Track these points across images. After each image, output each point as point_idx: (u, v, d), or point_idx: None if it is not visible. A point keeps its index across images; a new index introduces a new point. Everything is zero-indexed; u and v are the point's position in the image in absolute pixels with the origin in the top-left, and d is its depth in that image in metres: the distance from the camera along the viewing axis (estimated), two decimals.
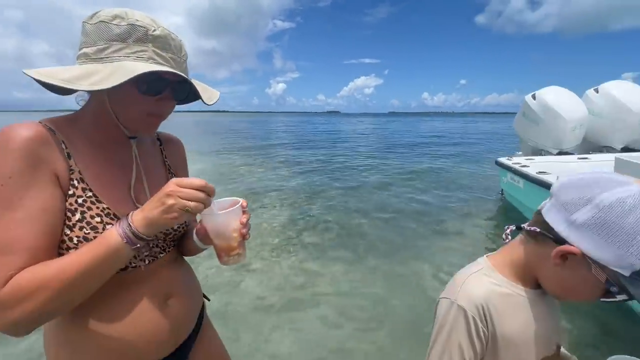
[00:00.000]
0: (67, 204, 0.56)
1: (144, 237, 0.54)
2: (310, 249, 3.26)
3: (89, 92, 0.63)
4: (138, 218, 0.54)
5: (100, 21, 0.57)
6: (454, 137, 19.01)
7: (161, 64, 0.60)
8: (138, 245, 0.54)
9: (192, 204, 0.53)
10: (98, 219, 0.57)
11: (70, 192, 0.57)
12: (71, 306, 0.54)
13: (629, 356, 0.58)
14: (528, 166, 3.46)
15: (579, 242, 0.50)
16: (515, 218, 3.88)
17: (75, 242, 0.55)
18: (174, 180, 0.55)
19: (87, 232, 0.56)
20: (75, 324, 0.61)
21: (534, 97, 4.52)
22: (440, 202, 4.89)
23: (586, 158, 3.76)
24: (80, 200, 0.57)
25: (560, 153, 4.35)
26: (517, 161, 3.77)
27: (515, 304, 0.59)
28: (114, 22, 0.57)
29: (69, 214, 0.56)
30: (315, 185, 6.13)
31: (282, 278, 2.67)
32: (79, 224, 0.56)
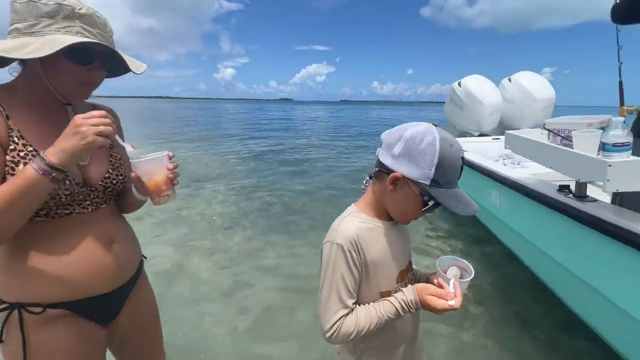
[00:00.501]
0: (10, 157, 0.66)
1: (59, 167, 0.62)
2: (256, 229, 3.38)
3: (23, 61, 0.72)
4: (50, 152, 0.63)
5: (29, 0, 0.65)
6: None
7: (89, 37, 0.69)
8: (53, 174, 0.62)
9: (102, 127, 0.64)
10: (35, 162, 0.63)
11: (12, 147, 0.66)
12: (8, 232, 0.64)
13: (453, 256, 0.81)
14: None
15: (399, 168, 0.70)
16: None
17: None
18: (79, 115, 0.65)
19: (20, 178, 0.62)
20: (27, 257, 0.70)
21: (459, 84, 5.04)
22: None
23: (498, 139, 4.34)
24: (22, 154, 0.67)
25: (481, 135, 4.94)
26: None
27: (377, 234, 0.78)
28: (42, 1, 0.66)
29: (12, 165, 0.66)
30: (263, 172, 6.17)
31: (227, 258, 2.75)
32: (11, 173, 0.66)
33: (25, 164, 0.66)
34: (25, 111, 0.72)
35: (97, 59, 0.72)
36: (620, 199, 1.52)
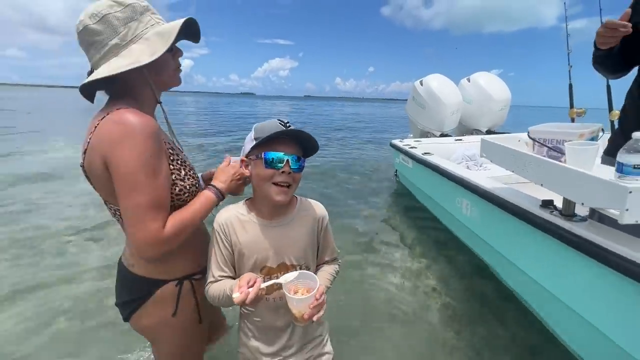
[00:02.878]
0: (171, 163, 0.87)
1: (225, 196, 0.96)
2: None
3: (124, 80, 0.82)
4: (222, 187, 0.95)
5: (103, 16, 0.76)
6: (365, 120, 20.20)
7: (164, 22, 0.85)
8: (221, 199, 0.95)
9: (246, 172, 0.96)
10: (190, 171, 0.93)
11: (171, 158, 0.87)
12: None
13: (310, 273, 0.88)
14: (416, 147, 3.74)
15: (246, 153, 0.94)
16: (407, 194, 4.23)
17: (188, 187, 0.89)
18: (235, 164, 0.99)
19: (192, 181, 0.92)
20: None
21: (421, 83, 4.92)
22: (342, 182, 5.06)
23: (460, 140, 4.27)
24: (179, 160, 0.90)
25: (442, 135, 4.87)
26: (407, 143, 4.06)
27: (248, 226, 0.93)
28: (114, 10, 0.77)
29: (176, 172, 0.87)
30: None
31: None
32: (186, 177, 0.89)
33: (184, 168, 0.91)
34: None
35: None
36: (599, 215, 1.36)
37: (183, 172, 0.89)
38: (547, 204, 1.49)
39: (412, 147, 3.75)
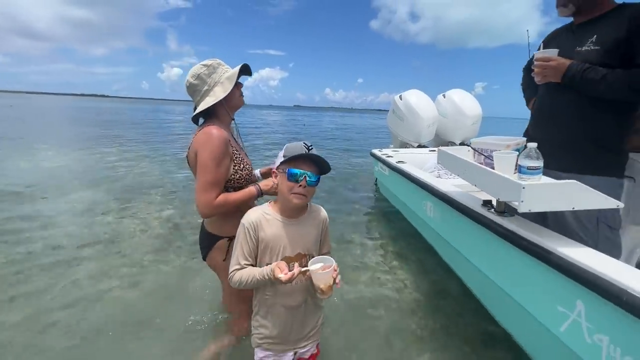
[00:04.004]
0: (233, 162, 1.39)
1: (263, 193, 1.43)
2: (195, 250, 3.11)
3: (212, 108, 1.42)
4: (263, 188, 1.42)
5: (197, 75, 1.41)
6: (354, 130, 20.62)
7: (232, 67, 1.48)
8: (261, 194, 1.44)
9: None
10: (247, 164, 1.48)
11: (234, 156, 1.41)
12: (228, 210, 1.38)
13: (326, 256, 1.14)
14: (392, 156, 4.04)
15: (277, 165, 1.20)
16: (385, 200, 4.51)
17: (244, 175, 1.44)
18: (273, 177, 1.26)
19: (246, 172, 1.46)
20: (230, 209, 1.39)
21: (400, 97, 5.28)
22: (326, 189, 5.30)
23: (434, 150, 4.61)
24: (239, 158, 1.44)
25: (420, 146, 5.21)
26: (385, 152, 4.37)
27: (272, 224, 1.19)
28: (202, 71, 1.40)
29: (237, 165, 1.41)
30: None
31: (155, 284, 2.45)
32: (243, 169, 1.44)
33: (242, 163, 1.45)
34: (228, 132, 1.44)
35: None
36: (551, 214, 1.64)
37: (241, 166, 1.43)
38: (487, 203, 1.77)
39: (388, 156, 4.05)
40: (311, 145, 1.16)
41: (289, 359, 1.33)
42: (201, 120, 1.48)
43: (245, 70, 1.46)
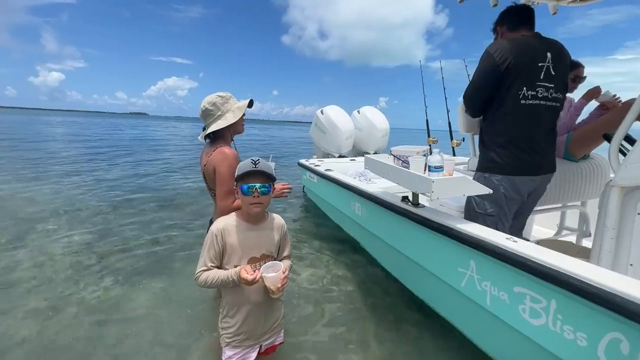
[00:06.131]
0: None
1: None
2: (118, 274, 2.86)
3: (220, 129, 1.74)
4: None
5: (213, 103, 1.73)
6: (274, 143, 20.75)
7: (241, 102, 1.83)
8: None
9: (286, 192, 1.84)
10: None
11: None
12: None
13: (277, 262, 1.35)
14: (319, 165, 4.42)
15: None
16: (314, 205, 4.85)
17: None
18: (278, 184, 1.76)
19: None
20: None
21: (322, 112, 5.77)
22: None
23: (354, 160, 5.20)
24: None
25: (340, 156, 5.76)
26: (312, 162, 4.74)
27: (237, 230, 1.36)
28: (217, 100, 1.74)
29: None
30: (120, 204, 5.10)
31: (72, 317, 2.19)
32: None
33: None
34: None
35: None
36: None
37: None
38: (405, 199, 2.23)
39: (316, 166, 4.42)
40: (258, 160, 1.34)
41: (255, 353, 1.48)
42: (207, 139, 1.82)
43: (251, 104, 1.83)
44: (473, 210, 1.95)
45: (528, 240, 2.49)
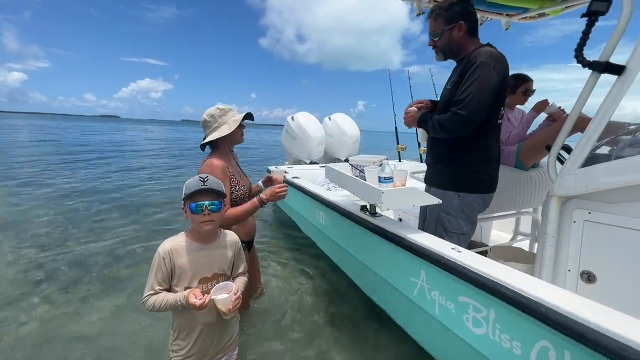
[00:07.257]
0: (231, 183, 1.81)
1: (266, 203, 1.81)
2: (68, 291, 2.68)
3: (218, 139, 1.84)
4: (265, 198, 1.79)
5: (212, 114, 1.84)
6: (254, 147, 20.50)
7: (239, 114, 1.90)
8: (263, 205, 1.81)
9: (283, 194, 1.85)
10: (242, 185, 1.90)
11: (232, 179, 1.83)
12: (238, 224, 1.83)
13: (228, 282, 1.31)
14: (288, 172, 4.38)
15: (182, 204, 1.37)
16: (281, 212, 4.80)
17: (240, 194, 1.87)
18: (275, 186, 1.85)
19: (242, 191, 1.89)
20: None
21: (292, 118, 5.75)
22: None
23: (324, 166, 5.19)
24: (236, 179, 1.86)
25: (312, 163, 5.75)
26: (282, 168, 4.69)
27: (187, 250, 1.30)
28: (216, 112, 1.85)
29: (234, 186, 1.84)
30: (77, 213, 4.82)
31: (12, 337, 2.04)
32: (239, 189, 1.87)
33: (237, 184, 1.87)
34: (229, 161, 1.89)
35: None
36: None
37: (237, 187, 1.84)
38: (363, 208, 2.24)
39: (285, 172, 4.38)
40: (207, 177, 1.30)
41: None
42: (207, 148, 1.92)
43: (249, 117, 1.89)
44: (444, 229, 1.85)
45: (487, 245, 2.58)
